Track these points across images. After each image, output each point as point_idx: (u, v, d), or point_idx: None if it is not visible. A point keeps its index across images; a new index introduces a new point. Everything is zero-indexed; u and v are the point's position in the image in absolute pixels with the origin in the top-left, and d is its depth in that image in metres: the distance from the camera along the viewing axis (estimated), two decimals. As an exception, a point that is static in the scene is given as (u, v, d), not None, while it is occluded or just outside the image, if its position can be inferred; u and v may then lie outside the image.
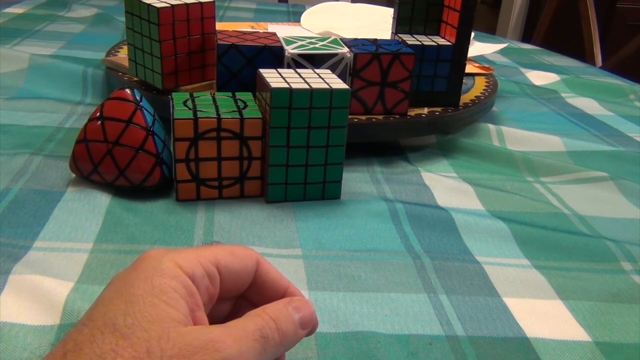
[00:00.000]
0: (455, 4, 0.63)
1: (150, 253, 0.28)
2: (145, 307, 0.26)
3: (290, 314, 0.29)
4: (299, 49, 0.58)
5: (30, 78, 0.75)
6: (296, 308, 0.30)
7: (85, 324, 0.25)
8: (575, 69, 1.08)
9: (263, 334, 0.27)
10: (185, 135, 0.47)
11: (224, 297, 0.31)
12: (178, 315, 0.26)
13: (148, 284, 0.26)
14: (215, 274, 0.29)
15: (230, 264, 0.30)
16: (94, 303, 0.27)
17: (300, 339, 0.30)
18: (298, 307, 0.30)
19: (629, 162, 0.66)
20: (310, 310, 0.30)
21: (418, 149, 0.66)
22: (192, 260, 0.28)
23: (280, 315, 0.29)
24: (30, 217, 0.46)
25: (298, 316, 0.29)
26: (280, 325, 0.28)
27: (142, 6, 0.59)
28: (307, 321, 0.30)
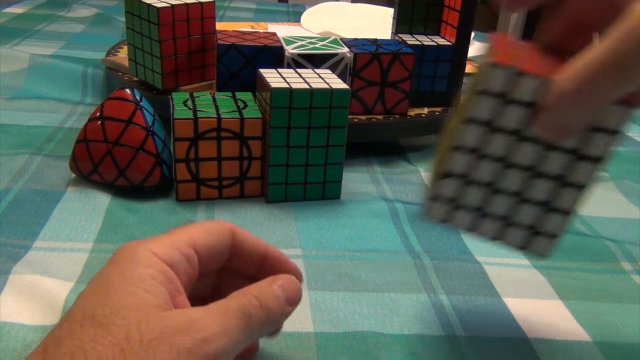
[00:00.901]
0: (455, 4, 0.63)
1: (125, 246, 0.28)
2: (124, 296, 0.25)
3: (275, 291, 0.29)
4: (299, 49, 0.58)
5: (30, 78, 0.75)
6: (281, 285, 0.29)
7: (65, 320, 0.25)
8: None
9: (246, 312, 0.27)
10: (185, 135, 0.47)
11: (206, 273, 0.31)
12: (157, 301, 0.26)
13: (125, 275, 0.26)
14: (193, 255, 0.29)
15: (206, 242, 0.30)
16: (73, 302, 0.26)
17: (287, 315, 0.30)
18: (282, 284, 0.29)
19: (629, 162, 0.66)
20: (294, 285, 0.30)
21: (418, 149, 0.66)
22: (167, 246, 0.28)
23: (264, 293, 0.28)
24: (30, 217, 0.46)
25: (283, 292, 0.29)
26: (265, 302, 0.28)
27: (142, 6, 0.59)
28: (292, 297, 0.30)
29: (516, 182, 0.30)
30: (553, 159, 0.29)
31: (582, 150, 0.29)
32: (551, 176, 0.30)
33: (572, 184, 0.30)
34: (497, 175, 0.30)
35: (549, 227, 0.31)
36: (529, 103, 0.27)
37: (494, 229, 0.31)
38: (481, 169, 0.30)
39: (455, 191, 0.31)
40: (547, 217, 0.31)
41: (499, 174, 0.30)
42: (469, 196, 0.31)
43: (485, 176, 0.30)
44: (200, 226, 0.30)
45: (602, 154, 0.29)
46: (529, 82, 0.27)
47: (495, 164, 0.30)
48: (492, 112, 0.28)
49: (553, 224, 0.31)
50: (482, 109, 0.28)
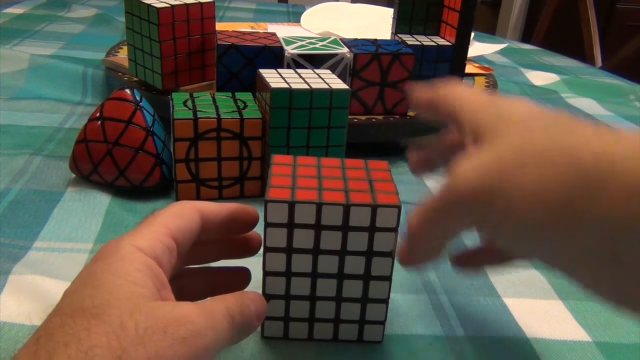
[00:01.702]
0: (455, 4, 0.63)
1: (109, 242, 0.29)
2: (112, 288, 0.26)
3: (249, 304, 0.30)
4: (299, 49, 0.58)
5: (30, 78, 0.75)
6: (252, 300, 0.30)
7: (53, 314, 0.25)
8: (575, 69, 1.08)
9: (231, 313, 0.28)
10: (185, 135, 0.47)
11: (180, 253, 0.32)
12: (146, 292, 0.26)
13: (112, 269, 0.27)
14: (173, 245, 0.30)
15: (181, 228, 0.30)
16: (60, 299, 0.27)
17: (254, 330, 0.31)
18: (254, 299, 0.30)
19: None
20: (262, 304, 0.31)
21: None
22: (150, 240, 0.29)
23: (243, 303, 0.30)
24: (30, 217, 0.46)
25: (255, 307, 0.30)
26: (243, 310, 0.29)
27: (142, 6, 0.59)
28: (261, 314, 0.31)
29: (331, 287, 0.33)
30: (352, 263, 0.32)
31: (372, 251, 0.32)
32: (358, 275, 0.33)
33: (378, 277, 0.33)
34: (313, 286, 0.33)
35: (373, 316, 0.35)
36: (311, 224, 0.31)
37: (330, 330, 0.35)
38: (296, 285, 0.33)
39: (282, 309, 0.34)
40: (370, 308, 0.34)
41: (314, 285, 0.33)
42: (297, 310, 0.34)
43: (303, 291, 0.33)
44: (171, 212, 0.31)
45: (392, 248, 0.32)
46: (304, 208, 0.30)
47: (307, 279, 0.33)
48: (284, 239, 0.31)
49: (376, 312, 0.34)
50: (274, 238, 0.31)
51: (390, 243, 0.32)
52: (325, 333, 0.35)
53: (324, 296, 0.33)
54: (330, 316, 0.34)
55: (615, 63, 1.52)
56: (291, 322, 0.34)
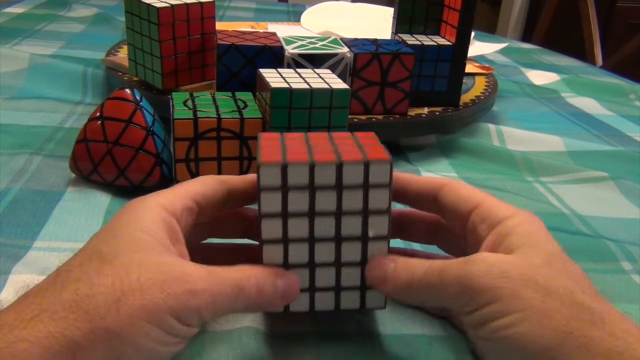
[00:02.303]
0: (455, 3, 0.63)
1: (135, 199, 0.32)
2: (127, 238, 0.29)
3: (274, 281, 0.31)
4: (299, 48, 0.58)
5: (30, 78, 0.75)
6: (283, 280, 0.31)
7: (77, 255, 0.29)
8: (575, 68, 1.08)
9: (239, 284, 0.30)
10: (185, 135, 0.47)
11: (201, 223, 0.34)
12: (157, 246, 0.29)
13: (132, 221, 0.30)
14: (193, 206, 0.32)
15: (202, 192, 0.33)
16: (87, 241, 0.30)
17: (277, 307, 0.32)
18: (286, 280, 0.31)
19: (629, 162, 0.66)
20: (295, 286, 0.32)
21: (418, 149, 0.66)
22: (171, 198, 0.32)
23: (264, 276, 0.31)
24: (30, 217, 0.46)
25: (283, 286, 0.31)
26: (262, 285, 0.30)
27: (142, 6, 0.59)
28: (289, 294, 0.32)
29: (329, 251, 0.33)
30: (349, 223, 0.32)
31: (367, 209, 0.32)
32: (355, 237, 0.33)
33: (375, 237, 0.33)
34: (311, 253, 0.32)
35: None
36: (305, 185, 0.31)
37: (331, 299, 0.34)
38: (294, 252, 0.32)
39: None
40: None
41: (312, 251, 0.32)
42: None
43: (301, 258, 0.33)
44: (195, 180, 0.34)
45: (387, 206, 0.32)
46: (297, 169, 0.30)
47: (305, 245, 0.32)
48: (278, 203, 0.31)
49: None
50: (269, 203, 0.31)
51: (385, 200, 0.32)
52: (327, 303, 0.34)
53: (323, 262, 0.33)
54: (331, 284, 0.33)
55: (616, 62, 1.52)
56: None
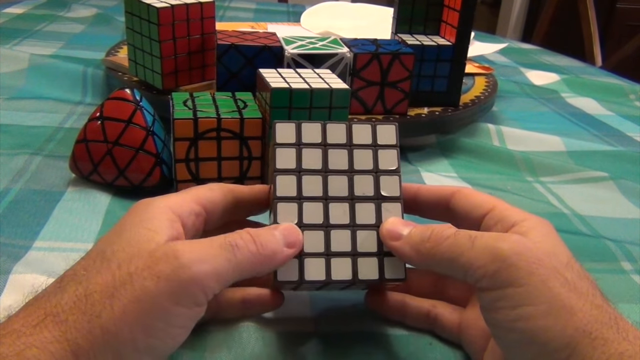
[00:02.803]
0: (455, 4, 0.63)
1: (143, 199, 0.32)
2: (130, 235, 0.29)
3: (271, 230, 0.31)
4: (299, 49, 0.58)
5: (30, 78, 0.75)
6: (279, 229, 0.31)
7: (84, 257, 0.29)
8: (575, 68, 1.08)
9: (232, 242, 0.29)
10: (185, 135, 0.47)
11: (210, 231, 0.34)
12: (158, 237, 0.28)
13: (136, 219, 0.30)
14: (200, 211, 0.32)
15: (209, 197, 0.33)
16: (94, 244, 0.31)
17: (285, 257, 0.31)
18: (282, 228, 0.31)
19: (629, 162, 0.66)
20: (294, 231, 0.31)
21: (418, 149, 0.66)
22: (178, 201, 0.31)
23: (259, 230, 0.30)
24: (30, 217, 0.46)
25: (281, 234, 0.31)
26: (258, 237, 0.30)
27: (142, 6, 0.59)
28: (292, 240, 0.31)
29: (343, 212, 0.32)
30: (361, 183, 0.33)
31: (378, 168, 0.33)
32: (368, 197, 0.33)
33: (389, 197, 0.33)
34: (326, 213, 0.32)
35: None
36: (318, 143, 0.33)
37: (349, 267, 0.32)
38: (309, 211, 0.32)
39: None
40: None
41: (327, 211, 0.32)
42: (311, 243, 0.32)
43: (316, 218, 0.32)
44: (203, 186, 0.34)
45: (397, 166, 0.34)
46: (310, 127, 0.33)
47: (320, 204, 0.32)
48: (293, 159, 0.32)
49: None
50: (284, 159, 0.32)
51: (394, 160, 0.33)
52: (344, 272, 0.32)
53: (338, 224, 0.32)
54: (347, 249, 0.32)
55: (616, 62, 1.52)
56: (306, 260, 0.32)
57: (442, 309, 0.36)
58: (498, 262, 0.28)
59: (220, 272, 0.28)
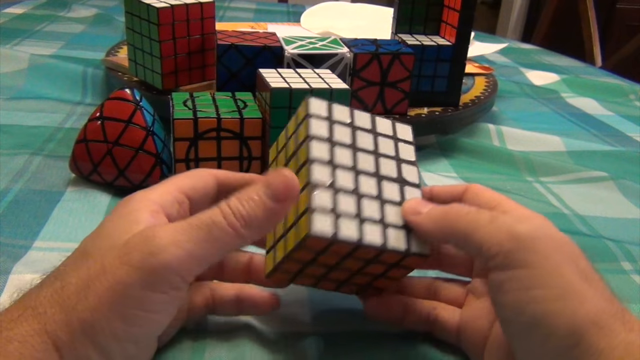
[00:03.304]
0: (455, 4, 0.63)
1: (126, 197, 0.31)
2: (109, 230, 0.29)
3: (250, 192, 0.28)
4: (298, 49, 0.58)
5: (30, 78, 0.75)
6: (263, 183, 0.29)
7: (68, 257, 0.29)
8: (575, 69, 1.08)
9: (208, 220, 0.27)
10: (185, 135, 0.47)
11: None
12: (136, 228, 0.28)
13: (118, 214, 0.30)
14: (183, 199, 0.32)
15: (191, 185, 0.32)
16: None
17: (277, 213, 0.28)
18: (266, 181, 0.29)
19: (629, 162, 0.66)
20: (280, 179, 0.28)
21: (418, 149, 0.65)
22: (160, 192, 0.31)
23: (237, 197, 0.28)
24: (30, 217, 0.46)
25: (261, 190, 0.28)
26: (236, 206, 0.28)
27: (142, 6, 0.59)
28: (278, 191, 0.28)
29: (372, 186, 0.33)
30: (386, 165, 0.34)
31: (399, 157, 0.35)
32: (392, 178, 0.34)
33: (411, 183, 0.34)
34: (355, 182, 0.32)
35: None
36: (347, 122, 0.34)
37: (379, 233, 0.32)
38: (341, 176, 0.32)
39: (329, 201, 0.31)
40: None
41: (357, 180, 0.33)
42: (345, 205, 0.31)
43: (348, 183, 0.32)
44: (185, 174, 0.34)
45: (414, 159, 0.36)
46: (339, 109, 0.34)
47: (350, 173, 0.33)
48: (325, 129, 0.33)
49: None
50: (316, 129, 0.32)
51: (412, 154, 0.36)
52: (374, 235, 0.32)
53: (367, 194, 0.32)
54: (377, 217, 0.32)
55: (615, 63, 1.52)
56: (340, 219, 0.31)
57: (442, 310, 0.36)
58: (514, 242, 0.28)
59: (197, 254, 0.27)
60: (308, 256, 0.32)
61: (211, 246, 0.27)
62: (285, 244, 0.32)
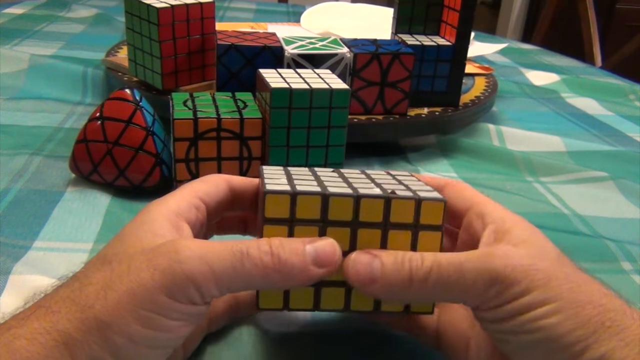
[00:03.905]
0: (455, 4, 0.63)
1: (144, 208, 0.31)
2: (131, 239, 0.29)
3: (298, 246, 0.28)
4: (298, 49, 0.58)
5: (30, 78, 0.75)
6: (312, 244, 0.28)
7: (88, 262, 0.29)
8: (575, 69, 1.08)
9: (244, 249, 0.27)
10: (185, 135, 0.47)
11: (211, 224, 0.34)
12: (160, 240, 0.28)
13: (137, 222, 0.30)
14: (200, 204, 0.32)
15: (206, 190, 0.32)
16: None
17: (313, 276, 0.28)
18: (316, 244, 0.28)
19: (629, 162, 0.66)
20: (330, 248, 0.28)
21: (418, 149, 0.66)
22: (176, 201, 0.31)
23: (287, 241, 0.28)
24: (30, 217, 0.46)
25: (311, 250, 0.28)
26: (279, 249, 0.27)
27: (142, 6, 0.59)
28: (323, 259, 0.28)
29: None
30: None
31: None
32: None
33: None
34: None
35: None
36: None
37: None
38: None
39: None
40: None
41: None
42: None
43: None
44: (199, 179, 0.33)
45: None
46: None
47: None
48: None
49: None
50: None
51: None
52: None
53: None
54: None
55: (615, 63, 1.52)
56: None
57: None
58: (497, 284, 0.27)
59: (221, 277, 0.27)
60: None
61: (236, 275, 0.27)
62: None
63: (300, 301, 0.30)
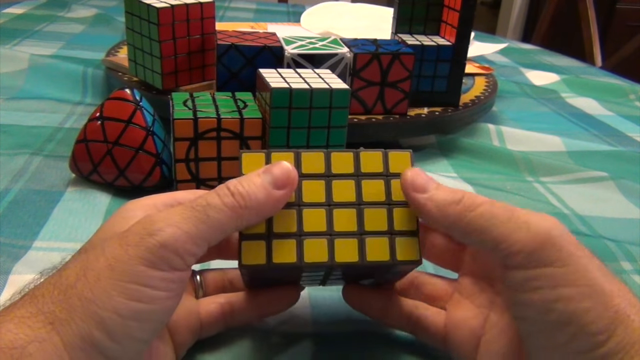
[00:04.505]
0: (455, 4, 0.63)
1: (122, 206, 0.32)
2: (105, 228, 0.30)
3: (253, 178, 0.29)
4: (298, 49, 0.58)
5: (30, 78, 0.75)
6: (265, 171, 0.29)
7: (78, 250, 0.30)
8: (575, 69, 1.08)
9: (203, 202, 0.28)
10: (185, 135, 0.47)
11: None
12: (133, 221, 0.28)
13: (112, 217, 0.31)
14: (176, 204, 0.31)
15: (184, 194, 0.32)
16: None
17: (278, 198, 0.29)
18: (267, 169, 0.30)
19: (629, 162, 0.66)
20: (283, 168, 0.29)
21: (418, 149, 0.66)
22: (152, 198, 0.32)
23: (238, 179, 0.29)
24: (30, 217, 0.46)
25: (265, 176, 0.29)
26: (238, 187, 0.28)
27: (142, 6, 0.59)
28: (281, 180, 0.29)
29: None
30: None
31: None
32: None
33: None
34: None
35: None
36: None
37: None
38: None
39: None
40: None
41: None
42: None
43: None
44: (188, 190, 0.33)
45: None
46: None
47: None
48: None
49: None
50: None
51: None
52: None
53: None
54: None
55: (615, 63, 1.52)
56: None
57: (424, 310, 0.34)
58: (539, 240, 0.27)
59: (194, 234, 0.27)
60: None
61: (208, 227, 0.27)
62: None
63: (283, 254, 0.30)
